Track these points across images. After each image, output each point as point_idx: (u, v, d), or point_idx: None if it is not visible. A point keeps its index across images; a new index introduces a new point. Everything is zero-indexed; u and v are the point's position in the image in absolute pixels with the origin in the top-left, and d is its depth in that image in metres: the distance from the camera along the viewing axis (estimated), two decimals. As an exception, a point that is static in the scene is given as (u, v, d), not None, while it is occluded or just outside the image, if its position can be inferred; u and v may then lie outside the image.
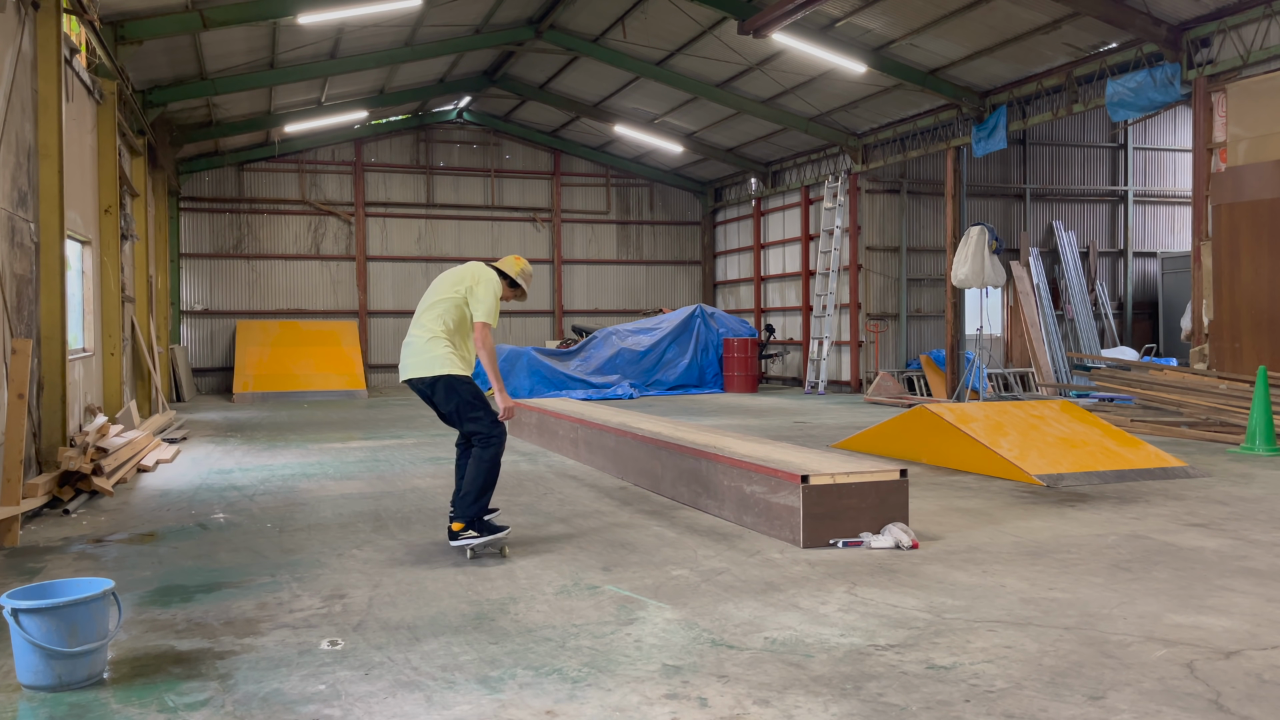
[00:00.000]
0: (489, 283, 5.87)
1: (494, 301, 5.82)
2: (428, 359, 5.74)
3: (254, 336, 20.52)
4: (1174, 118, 21.10)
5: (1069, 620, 4.31)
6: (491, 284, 5.87)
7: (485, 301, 5.79)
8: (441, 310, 5.83)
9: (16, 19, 7.94)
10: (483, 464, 5.70)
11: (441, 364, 5.71)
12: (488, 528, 5.68)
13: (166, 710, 3.42)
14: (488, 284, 5.86)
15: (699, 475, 7.05)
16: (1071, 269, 19.89)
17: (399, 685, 3.62)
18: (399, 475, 8.92)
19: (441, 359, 5.71)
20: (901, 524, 5.89)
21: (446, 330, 5.80)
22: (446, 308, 5.83)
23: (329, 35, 15.04)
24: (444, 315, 5.82)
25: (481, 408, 5.78)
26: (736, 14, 14.35)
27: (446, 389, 5.75)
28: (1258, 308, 11.66)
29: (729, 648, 4.00)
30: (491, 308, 5.80)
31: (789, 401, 17.14)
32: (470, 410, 5.77)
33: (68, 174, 9.27)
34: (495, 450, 5.72)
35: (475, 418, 5.76)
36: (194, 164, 20.69)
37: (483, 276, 5.89)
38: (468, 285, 5.86)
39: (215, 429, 13.39)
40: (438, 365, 5.71)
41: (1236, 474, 8.38)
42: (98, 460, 7.97)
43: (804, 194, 20.91)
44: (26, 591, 3.87)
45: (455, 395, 5.75)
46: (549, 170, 23.97)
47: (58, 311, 8.47)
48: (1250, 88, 11.70)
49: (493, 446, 5.72)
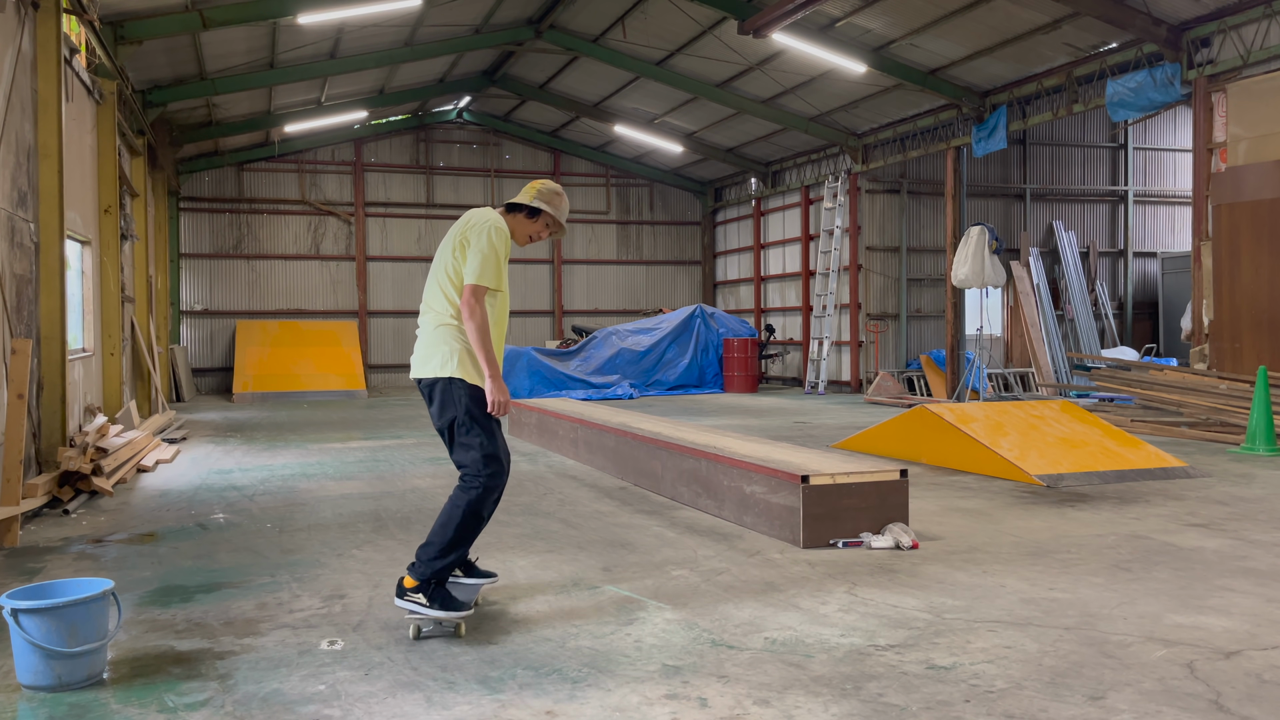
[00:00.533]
0: (484, 229, 4.36)
1: (491, 254, 4.32)
2: (429, 353, 4.42)
3: (254, 336, 20.52)
4: (1174, 118, 21.10)
5: (1069, 620, 4.31)
6: (487, 229, 4.36)
7: (477, 255, 4.32)
8: (442, 283, 4.43)
9: (16, 19, 7.93)
10: (458, 510, 4.27)
11: (443, 362, 4.35)
12: (447, 600, 4.18)
13: (166, 710, 3.42)
14: (481, 230, 4.36)
15: (699, 475, 7.05)
16: (1071, 269, 19.89)
17: (399, 685, 3.62)
18: (399, 475, 8.92)
19: (445, 355, 4.35)
20: (902, 524, 5.89)
21: (457, 313, 4.39)
22: (445, 279, 4.43)
23: (329, 35, 15.04)
24: (447, 290, 4.41)
25: (479, 433, 4.32)
26: (736, 14, 14.35)
27: (443, 397, 4.36)
28: (1258, 308, 11.66)
29: (729, 648, 4.00)
30: (484, 263, 4.30)
31: (789, 401, 17.14)
32: (464, 433, 4.33)
33: (67, 174, 9.27)
34: (478, 496, 4.28)
35: (466, 444, 4.33)
36: (194, 164, 20.69)
37: (476, 220, 4.42)
38: (459, 238, 4.41)
39: (215, 429, 13.38)
40: (439, 363, 4.36)
41: (1237, 474, 8.38)
42: (97, 460, 7.97)
43: (804, 194, 20.91)
44: (26, 591, 3.87)
45: (451, 408, 4.34)
46: (549, 170, 23.96)
47: (57, 311, 8.47)
48: (1250, 88, 11.70)
49: (476, 490, 4.28)
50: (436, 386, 4.38)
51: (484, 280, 4.31)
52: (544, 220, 4.65)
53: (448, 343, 4.37)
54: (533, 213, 4.62)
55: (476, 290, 4.30)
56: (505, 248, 4.41)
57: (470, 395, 4.32)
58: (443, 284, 4.43)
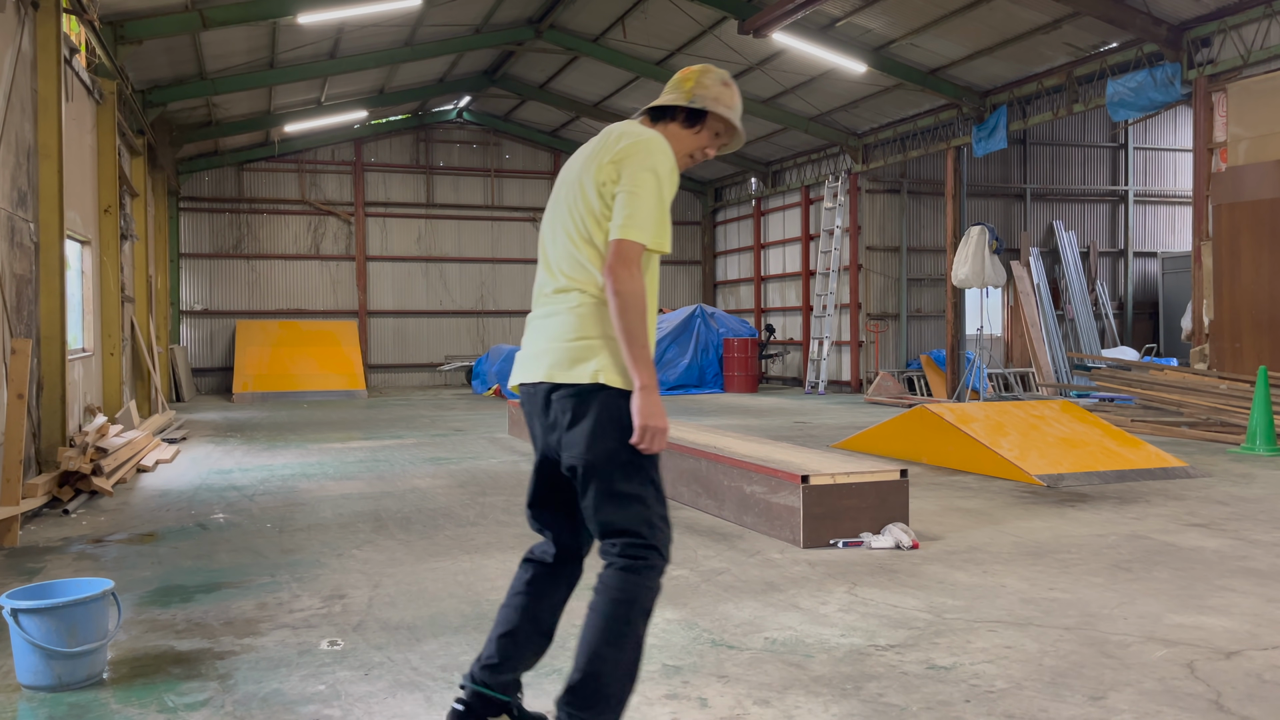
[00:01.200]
0: (644, 152, 2.75)
1: (656, 192, 2.72)
2: (568, 348, 2.77)
3: (254, 336, 20.52)
4: (1174, 118, 21.10)
5: (1069, 620, 4.31)
6: (650, 153, 2.75)
7: (634, 194, 2.69)
8: (573, 237, 2.81)
9: (16, 19, 7.93)
10: (625, 607, 2.69)
11: (601, 362, 2.73)
12: None
13: (166, 710, 3.42)
14: (641, 155, 2.74)
15: (699, 475, 7.04)
16: (1072, 269, 19.89)
17: (399, 685, 3.62)
18: (399, 475, 8.92)
19: (601, 352, 2.73)
20: (902, 524, 5.88)
21: (593, 280, 2.77)
22: (577, 233, 2.81)
23: (329, 35, 15.04)
24: (581, 250, 2.79)
25: (648, 477, 2.74)
26: (736, 14, 14.35)
27: (598, 417, 2.71)
28: (1258, 308, 11.66)
29: (729, 648, 4.00)
30: (645, 207, 2.69)
31: (789, 401, 17.14)
32: (623, 476, 2.70)
33: (67, 174, 9.27)
34: (654, 581, 2.73)
35: (627, 495, 2.71)
36: (194, 164, 20.70)
37: (629, 141, 2.78)
38: (599, 167, 2.77)
39: (215, 429, 13.38)
40: (593, 365, 2.73)
41: (1237, 474, 8.38)
42: (97, 460, 7.96)
43: (804, 194, 20.91)
44: (26, 591, 3.87)
45: (607, 436, 2.70)
46: (549, 170, 23.96)
47: (57, 311, 8.47)
48: (1251, 87, 11.70)
49: (651, 571, 2.72)
50: (584, 400, 2.72)
51: (643, 234, 2.68)
52: (711, 129, 3.01)
53: (604, 332, 2.74)
54: (692, 118, 2.97)
55: (632, 249, 2.66)
56: (674, 182, 2.78)
57: (623, 412, 2.71)
58: (573, 240, 2.81)
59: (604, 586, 2.74)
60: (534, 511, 3.01)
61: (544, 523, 2.99)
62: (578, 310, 2.78)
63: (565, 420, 2.76)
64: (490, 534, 6.25)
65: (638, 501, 2.72)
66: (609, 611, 2.70)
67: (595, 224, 2.77)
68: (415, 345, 22.81)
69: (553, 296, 2.87)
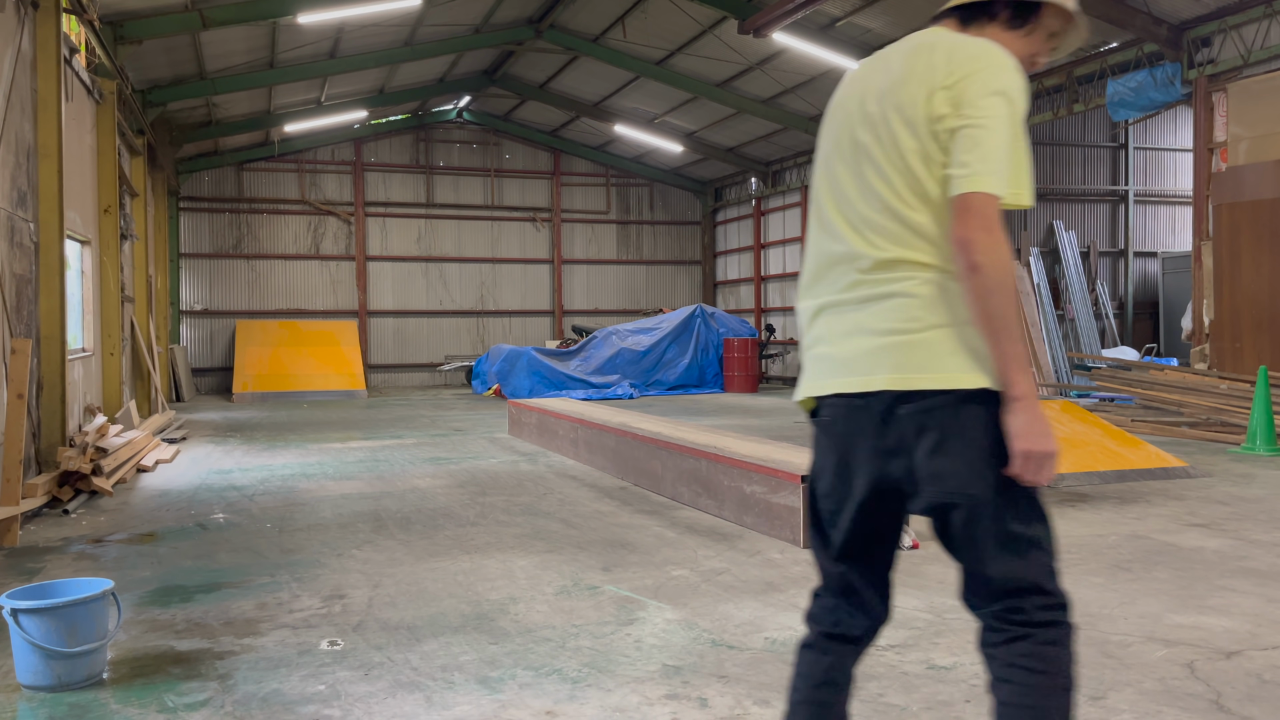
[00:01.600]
0: (991, 71, 2.06)
1: (1014, 126, 2.05)
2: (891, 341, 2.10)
3: (253, 336, 20.52)
4: (1174, 118, 21.10)
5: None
6: (997, 72, 2.06)
7: (989, 131, 2.02)
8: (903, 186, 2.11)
9: (16, 19, 7.93)
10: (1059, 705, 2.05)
11: (969, 357, 2.05)
12: None
13: (166, 710, 3.41)
14: (987, 75, 2.05)
15: (699, 475, 7.04)
16: (1072, 269, 19.89)
17: (399, 685, 3.61)
18: (399, 475, 8.92)
19: (937, 341, 2.06)
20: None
21: (933, 248, 2.10)
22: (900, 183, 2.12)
23: (329, 35, 15.04)
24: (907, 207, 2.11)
25: (1039, 505, 2.11)
26: (736, 13, 14.35)
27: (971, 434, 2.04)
28: (1258, 307, 11.65)
29: (729, 648, 4.00)
30: (1010, 145, 2.04)
31: (789, 401, 17.13)
32: (1014, 513, 2.07)
33: (67, 174, 9.27)
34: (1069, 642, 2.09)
35: (1019, 538, 2.07)
36: (194, 164, 20.69)
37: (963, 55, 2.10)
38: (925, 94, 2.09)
39: (215, 429, 13.38)
40: (961, 359, 2.05)
41: (1237, 474, 8.37)
42: (97, 460, 7.96)
43: (804, 194, 20.91)
44: (26, 591, 3.87)
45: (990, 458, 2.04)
46: (549, 170, 23.96)
47: (57, 311, 8.47)
48: (1251, 87, 11.69)
49: (1064, 630, 2.08)
50: (955, 412, 2.05)
51: (999, 183, 2.04)
52: (1046, 28, 2.29)
53: (956, 318, 2.08)
54: (1020, 14, 2.24)
55: (988, 205, 2.02)
56: (1025, 107, 2.09)
57: (995, 423, 2.06)
58: (898, 195, 2.12)
59: (1023, 670, 2.03)
60: (848, 567, 2.29)
61: (858, 584, 2.32)
62: (921, 290, 2.07)
63: (928, 441, 2.05)
64: (490, 534, 6.25)
65: (1037, 547, 2.08)
66: (1042, 703, 2.01)
67: (928, 172, 2.08)
68: (415, 345, 22.81)
69: (870, 274, 2.12)
